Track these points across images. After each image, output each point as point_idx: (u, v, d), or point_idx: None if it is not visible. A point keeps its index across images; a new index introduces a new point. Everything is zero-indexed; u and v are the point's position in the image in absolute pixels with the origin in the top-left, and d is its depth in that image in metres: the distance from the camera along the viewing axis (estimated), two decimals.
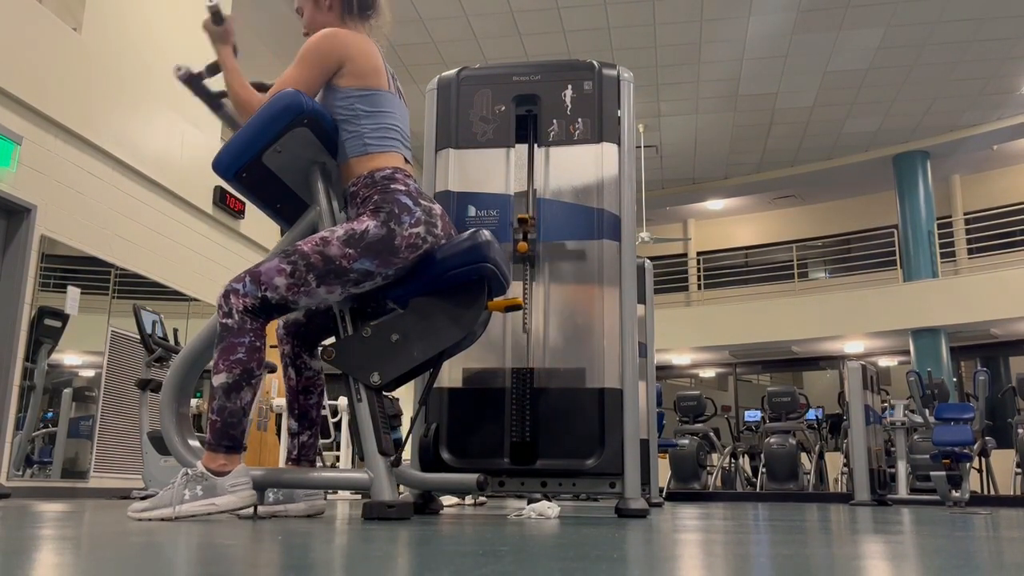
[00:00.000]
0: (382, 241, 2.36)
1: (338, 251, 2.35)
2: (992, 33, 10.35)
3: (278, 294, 2.34)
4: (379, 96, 2.54)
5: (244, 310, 2.32)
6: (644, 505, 3.04)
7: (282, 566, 1.09)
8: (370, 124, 2.51)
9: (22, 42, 5.86)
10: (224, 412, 2.28)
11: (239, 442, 2.30)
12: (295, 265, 2.34)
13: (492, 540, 1.64)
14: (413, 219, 2.40)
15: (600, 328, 3.11)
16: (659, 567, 1.18)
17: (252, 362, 2.31)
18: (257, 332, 2.34)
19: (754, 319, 13.96)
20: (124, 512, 2.67)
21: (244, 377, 2.29)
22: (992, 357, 14.17)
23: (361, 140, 2.50)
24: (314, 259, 2.34)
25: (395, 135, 2.56)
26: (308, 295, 2.36)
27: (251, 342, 2.32)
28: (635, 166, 3.38)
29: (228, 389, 2.28)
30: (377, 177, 2.45)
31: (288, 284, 2.33)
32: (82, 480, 6.40)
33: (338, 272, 2.35)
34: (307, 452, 2.69)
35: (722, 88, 11.73)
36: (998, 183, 14.80)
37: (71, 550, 1.32)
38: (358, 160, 2.49)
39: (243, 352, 2.30)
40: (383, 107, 2.54)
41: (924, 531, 2.31)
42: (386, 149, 2.51)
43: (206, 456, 2.28)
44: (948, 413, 7.85)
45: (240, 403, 2.29)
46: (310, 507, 2.63)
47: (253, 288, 2.33)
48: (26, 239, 5.89)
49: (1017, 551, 1.57)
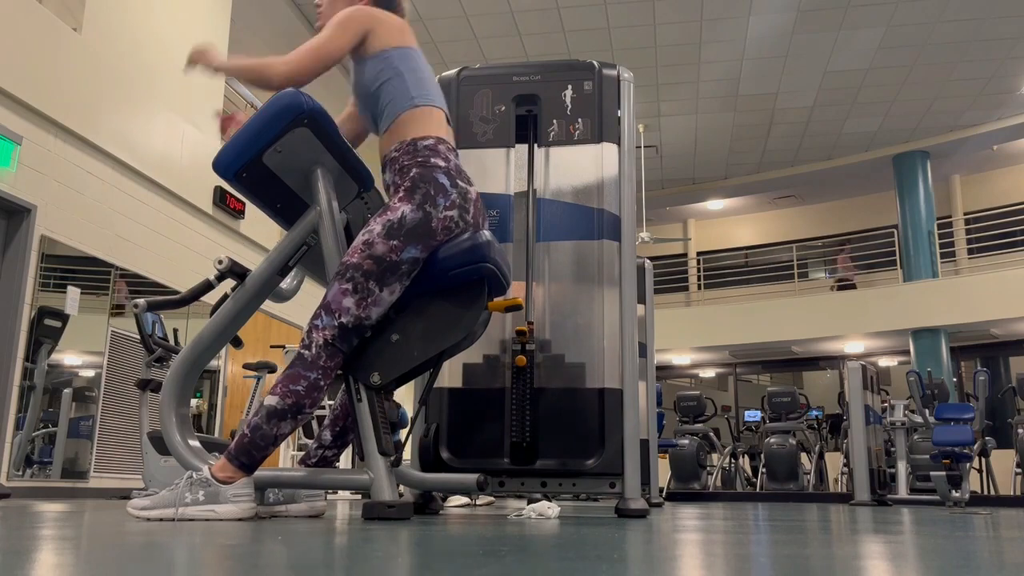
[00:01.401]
0: (421, 225, 2.35)
1: (384, 247, 2.34)
2: (992, 33, 10.35)
3: (351, 315, 2.32)
4: (414, 54, 2.56)
5: (324, 343, 2.31)
6: (644, 505, 3.03)
7: (282, 566, 1.09)
8: (413, 78, 2.51)
9: (22, 42, 5.86)
10: (257, 432, 2.27)
11: (254, 464, 2.30)
12: (354, 280, 2.33)
13: (492, 540, 1.64)
14: (448, 201, 2.38)
15: (600, 328, 3.11)
16: (659, 567, 1.18)
17: (307, 399, 2.29)
18: (327, 371, 2.31)
19: (754, 319, 13.96)
20: (124, 512, 2.67)
21: (292, 409, 2.28)
22: (992, 357, 14.17)
23: (408, 95, 2.49)
24: (367, 265, 2.33)
25: (433, 86, 2.56)
26: (376, 304, 2.35)
27: (315, 380, 2.30)
28: (635, 166, 3.37)
29: (272, 414, 2.27)
30: (420, 146, 2.43)
31: (356, 300, 2.32)
32: (82, 480, 6.40)
33: (392, 268, 2.34)
34: (326, 466, 2.71)
35: (722, 88, 11.73)
36: (998, 183, 14.80)
37: (71, 550, 1.32)
38: (405, 121, 2.48)
39: (303, 386, 2.29)
40: (417, 63, 2.55)
41: (924, 531, 2.31)
42: (429, 103, 2.51)
43: (219, 463, 2.28)
44: (948, 413, 7.85)
45: (276, 431, 2.27)
46: (311, 508, 2.63)
47: (329, 319, 2.32)
48: (26, 239, 5.89)
49: (1017, 551, 1.57)
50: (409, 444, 3.20)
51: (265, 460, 2.31)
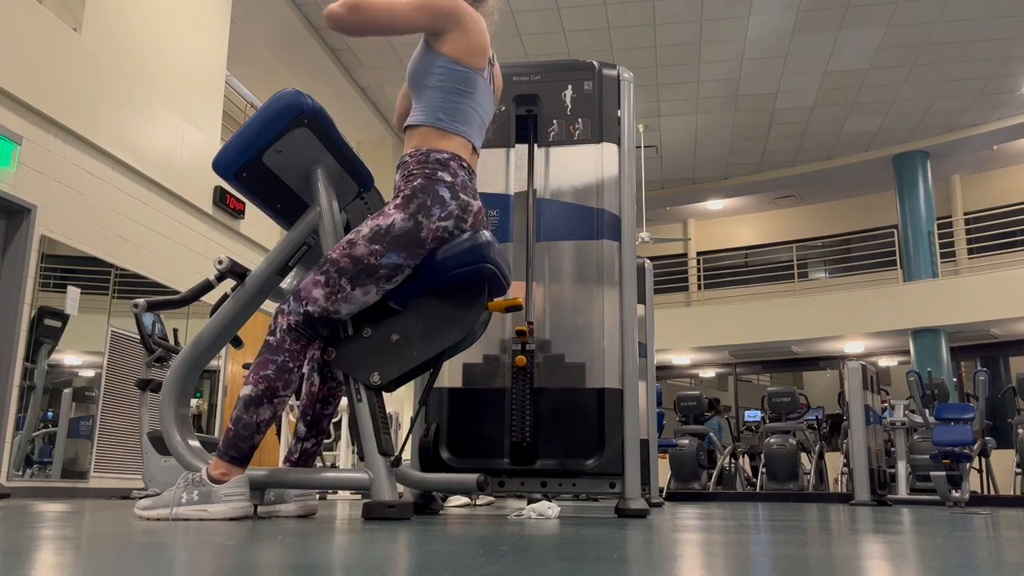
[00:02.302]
0: (409, 233, 2.35)
1: (365, 249, 2.35)
2: (992, 33, 10.35)
3: (318, 306, 2.35)
4: (472, 77, 2.51)
5: (288, 328, 2.35)
6: (644, 505, 3.03)
7: (282, 566, 1.09)
8: (451, 102, 2.48)
9: (22, 42, 5.86)
10: (239, 424, 2.30)
11: (246, 455, 2.31)
12: (328, 274, 2.35)
13: (492, 540, 1.64)
14: (444, 212, 2.38)
15: (600, 328, 3.11)
16: (659, 567, 1.18)
17: (279, 381, 2.32)
18: (293, 353, 2.35)
19: (754, 319, 13.96)
20: (124, 512, 2.67)
21: (267, 394, 2.31)
22: (992, 357, 14.17)
23: (435, 113, 2.47)
24: (344, 263, 2.35)
25: (471, 121, 2.52)
26: (347, 301, 2.36)
27: (283, 362, 2.33)
28: (635, 166, 3.37)
29: (249, 402, 2.31)
30: (432, 158, 2.42)
31: (326, 294, 2.35)
32: (82, 480, 6.40)
33: (368, 270, 2.35)
34: (308, 459, 2.69)
35: (722, 88, 11.73)
36: (998, 183, 14.81)
37: (71, 550, 1.32)
38: (426, 131, 2.46)
39: (272, 370, 2.32)
40: (472, 89, 2.51)
41: (924, 531, 2.31)
42: (455, 131, 2.48)
43: (213, 462, 2.31)
44: (948, 413, 7.85)
45: (256, 418, 2.30)
46: (301, 507, 2.60)
47: (295, 305, 2.36)
48: (26, 239, 5.89)
49: (1017, 551, 1.57)
50: (409, 444, 3.20)
51: (255, 450, 2.32)
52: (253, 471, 2.34)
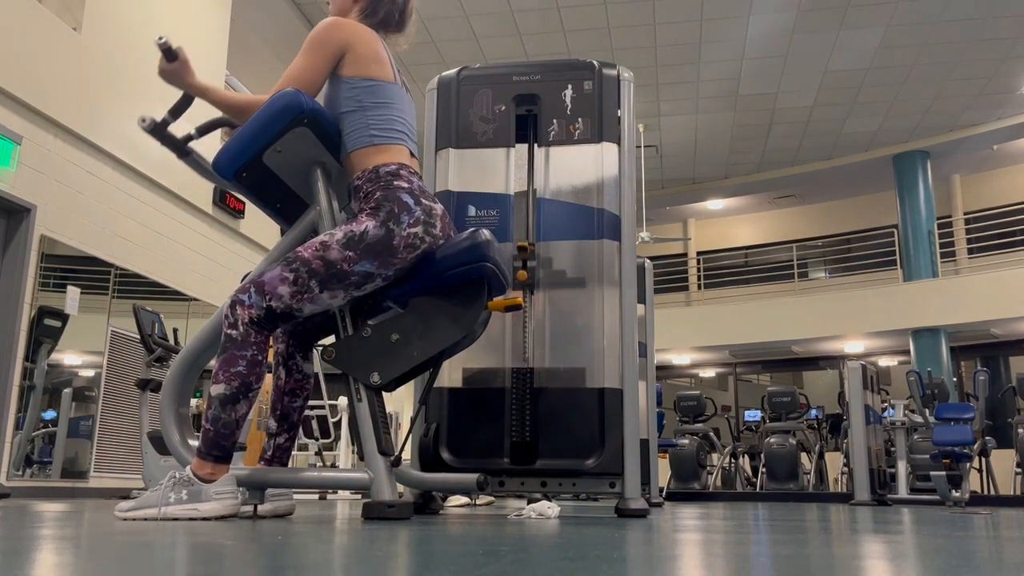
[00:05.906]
0: (381, 242, 2.35)
1: (338, 254, 2.34)
2: (992, 33, 10.35)
3: (283, 303, 2.33)
4: (384, 87, 2.53)
5: (250, 321, 2.33)
6: (644, 505, 3.03)
7: (281, 566, 1.09)
8: (376, 116, 2.49)
9: (22, 42, 5.86)
10: (218, 423, 2.29)
11: (229, 453, 2.31)
12: (297, 272, 2.33)
13: (492, 540, 1.64)
14: (412, 218, 2.38)
15: (600, 328, 3.10)
16: (659, 567, 1.17)
17: (251, 376, 2.31)
18: (260, 346, 2.34)
19: (754, 319, 13.96)
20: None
21: (242, 391, 2.30)
22: (992, 357, 14.17)
23: (367, 132, 2.48)
24: (315, 265, 2.34)
25: (401, 127, 2.54)
26: (312, 301, 2.36)
27: (253, 356, 2.32)
28: (635, 166, 3.37)
29: (224, 401, 2.29)
30: (382, 172, 2.43)
31: (292, 292, 2.33)
32: (82, 480, 6.40)
33: (340, 276, 2.34)
34: (282, 455, 2.66)
35: (722, 88, 11.73)
36: (998, 183, 14.80)
37: (70, 550, 1.31)
38: (364, 152, 2.47)
39: (244, 365, 2.31)
40: (389, 99, 2.53)
41: (924, 531, 2.31)
42: (392, 141, 2.50)
43: (195, 462, 2.29)
44: (948, 413, 7.84)
45: (234, 415, 2.30)
46: (276, 508, 2.57)
47: (258, 299, 2.33)
48: (26, 239, 5.89)
49: (1017, 551, 1.57)
50: (409, 444, 3.20)
51: (236, 445, 2.31)
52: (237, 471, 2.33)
